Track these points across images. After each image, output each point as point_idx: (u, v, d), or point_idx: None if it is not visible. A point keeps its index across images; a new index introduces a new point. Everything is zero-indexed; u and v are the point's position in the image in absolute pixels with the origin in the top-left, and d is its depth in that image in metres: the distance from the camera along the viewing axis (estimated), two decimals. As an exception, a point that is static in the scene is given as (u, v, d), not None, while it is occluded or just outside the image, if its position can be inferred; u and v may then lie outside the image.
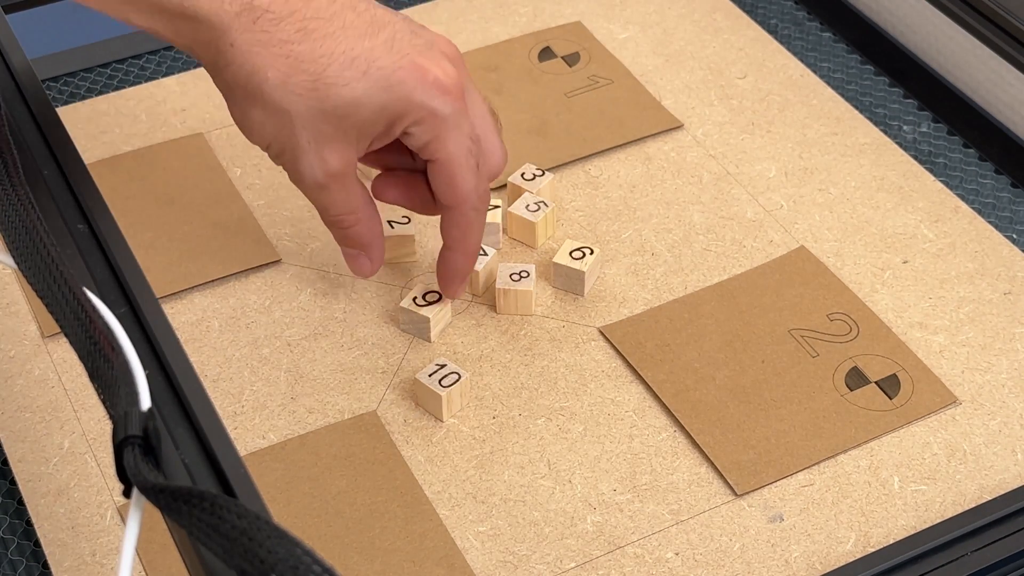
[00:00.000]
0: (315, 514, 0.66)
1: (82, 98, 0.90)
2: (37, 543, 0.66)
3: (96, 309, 0.48)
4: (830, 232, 0.80)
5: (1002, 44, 0.84)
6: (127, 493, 0.44)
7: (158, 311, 0.53)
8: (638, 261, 0.78)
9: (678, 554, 0.65)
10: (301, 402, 0.71)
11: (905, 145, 0.86)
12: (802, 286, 0.76)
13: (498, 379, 0.72)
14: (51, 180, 0.59)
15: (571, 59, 0.91)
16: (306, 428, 0.70)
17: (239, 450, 0.49)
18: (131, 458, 0.44)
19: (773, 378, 0.72)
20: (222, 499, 0.40)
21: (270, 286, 0.77)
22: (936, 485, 0.67)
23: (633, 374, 0.72)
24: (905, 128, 0.88)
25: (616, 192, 0.82)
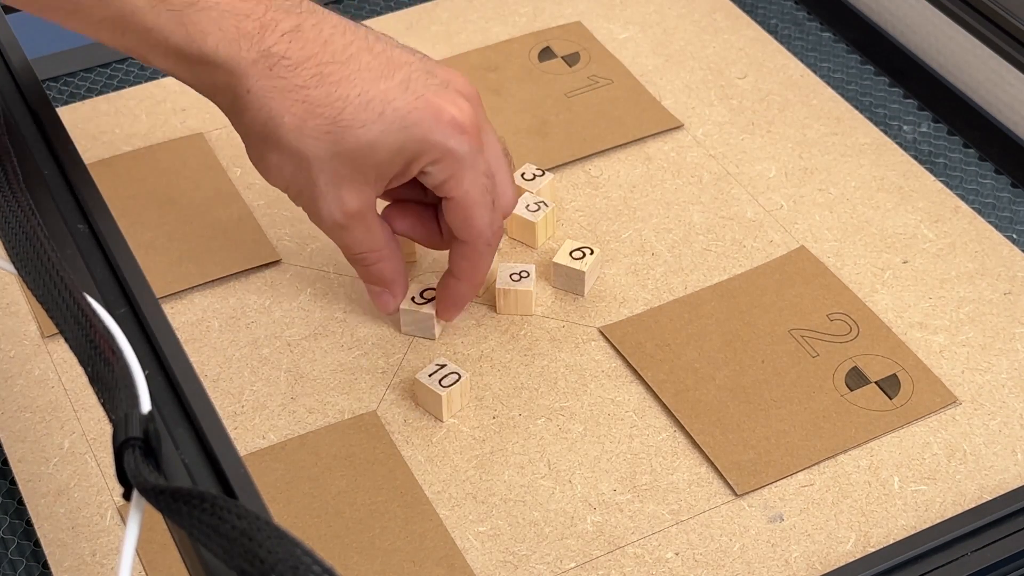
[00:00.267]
0: (315, 514, 0.66)
1: (82, 98, 0.90)
2: (37, 543, 0.66)
3: (96, 313, 0.48)
4: (830, 232, 0.80)
5: (1002, 44, 0.84)
6: (127, 496, 0.44)
7: (158, 311, 0.53)
8: (638, 261, 0.78)
9: (678, 554, 0.65)
10: (301, 402, 0.71)
11: (905, 145, 0.86)
12: (802, 286, 0.76)
13: (498, 379, 0.72)
14: (51, 180, 0.59)
15: (571, 59, 0.91)
16: (306, 428, 0.70)
17: (239, 450, 0.49)
18: (131, 460, 0.44)
19: (773, 378, 0.72)
20: (222, 500, 0.40)
21: (270, 286, 0.77)
22: (936, 485, 0.67)
23: (633, 374, 0.72)
24: (905, 128, 0.88)
25: (616, 192, 0.82)
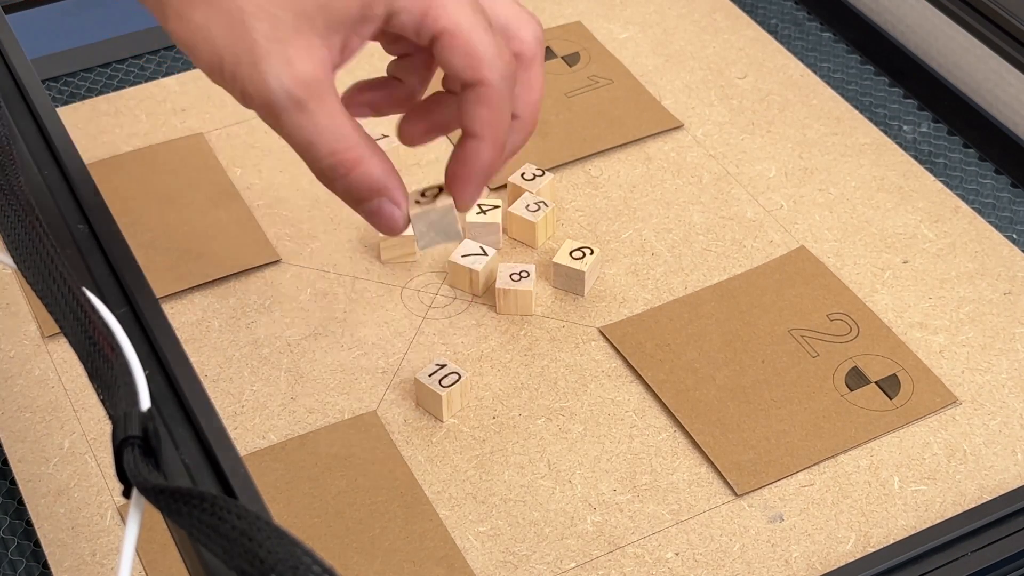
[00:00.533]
0: (315, 514, 0.66)
1: (82, 98, 0.90)
2: (37, 543, 0.66)
3: (95, 309, 0.48)
4: (830, 232, 0.80)
5: (1002, 44, 0.84)
6: (127, 494, 0.44)
7: (158, 311, 0.53)
8: (638, 261, 0.78)
9: (678, 554, 0.65)
10: (301, 402, 0.71)
11: (905, 145, 0.86)
12: (802, 286, 0.76)
13: (498, 379, 0.72)
14: (51, 180, 0.59)
15: (571, 59, 0.91)
16: (306, 428, 0.70)
17: (239, 450, 0.49)
18: (131, 458, 0.43)
19: (773, 378, 0.71)
20: (222, 499, 0.40)
21: (270, 286, 0.77)
22: (936, 485, 0.67)
23: (633, 374, 0.72)
24: (905, 128, 0.88)
25: (616, 192, 0.82)
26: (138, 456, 0.44)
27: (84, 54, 0.93)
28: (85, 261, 0.55)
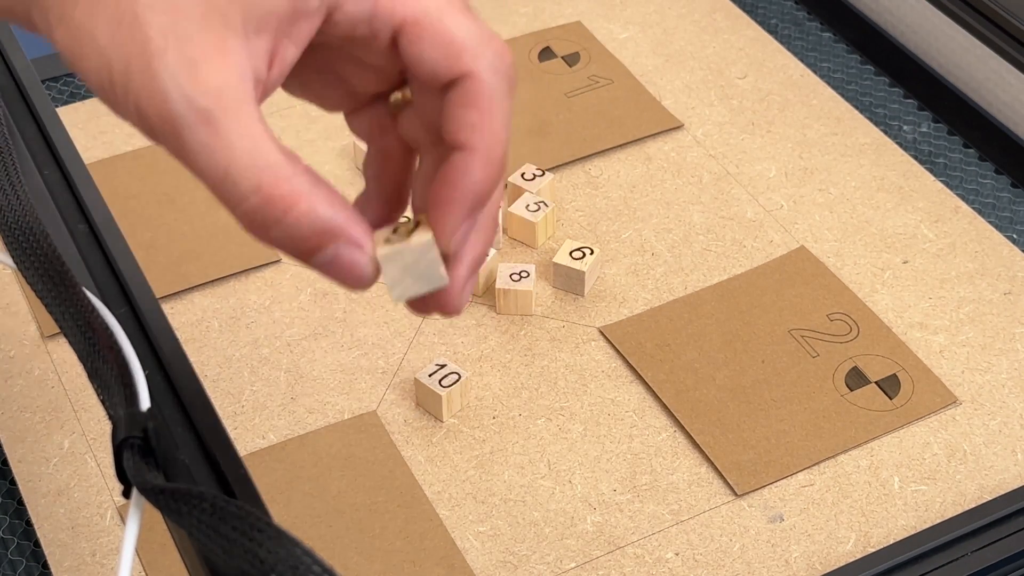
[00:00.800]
0: (315, 514, 0.66)
1: (82, 98, 0.90)
2: (37, 543, 0.66)
3: (95, 309, 0.48)
4: (830, 232, 0.80)
5: (1002, 44, 0.84)
6: (127, 494, 0.44)
7: (158, 311, 0.52)
8: (638, 261, 0.78)
9: (678, 554, 0.65)
10: (301, 402, 0.71)
11: (905, 145, 0.86)
12: (802, 286, 0.76)
13: (498, 379, 0.72)
14: (51, 180, 0.59)
15: (571, 59, 0.91)
16: (306, 428, 0.70)
17: (239, 450, 0.49)
18: (131, 459, 0.43)
19: (773, 378, 0.71)
20: (222, 500, 0.40)
21: (270, 286, 0.77)
22: (936, 485, 0.67)
23: (633, 374, 0.72)
24: (905, 128, 0.88)
25: (616, 192, 0.82)
26: (138, 456, 0.44)
27: (84, 54, 0.92)
28: (85, 261, 0.55)
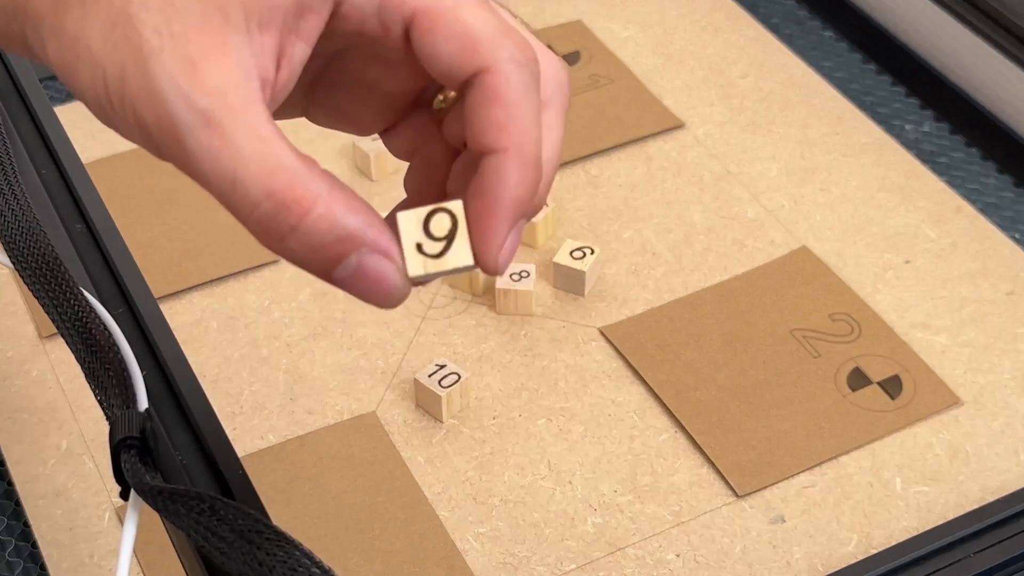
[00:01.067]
0: (314, 515, 0.66)
1: (80, 97, 0.89)
2: (35, 544, 0.66)
3: (93, 309, 0.48)
4: (831, 232, 0.79)
5: (1004, 43, 0.84)
6: (124, 495, 0.44)
7: (156, 311, 0.52)
8: (639, 261, 0.78)
9: (679, 556, 0.64)
10: (300, 403, 0.71)
11: (907, 144, 0.86)
12: (803, 286, 0.76)
13: (498, 379, 0.72)
14: (49, 179, 0.59)
15: (572, 58, 0.91)
16: (305, 429, 0.70)
17: (238, 451, 0.48)
18: (128, 460, 0.43)
19: (774, 378, 0.71)
20: (220, 501, 0.40)
21: (269, 286, 0.77)
22: (938, 486, 0.67)
23: (634, 374, 0.72)
24: (907, 127, 0.88)
25: (617, 192, 0.82)
26: (135, 457, 0.43)
27: (82, 53, 0.92)
28: (83, 261, 0.55)
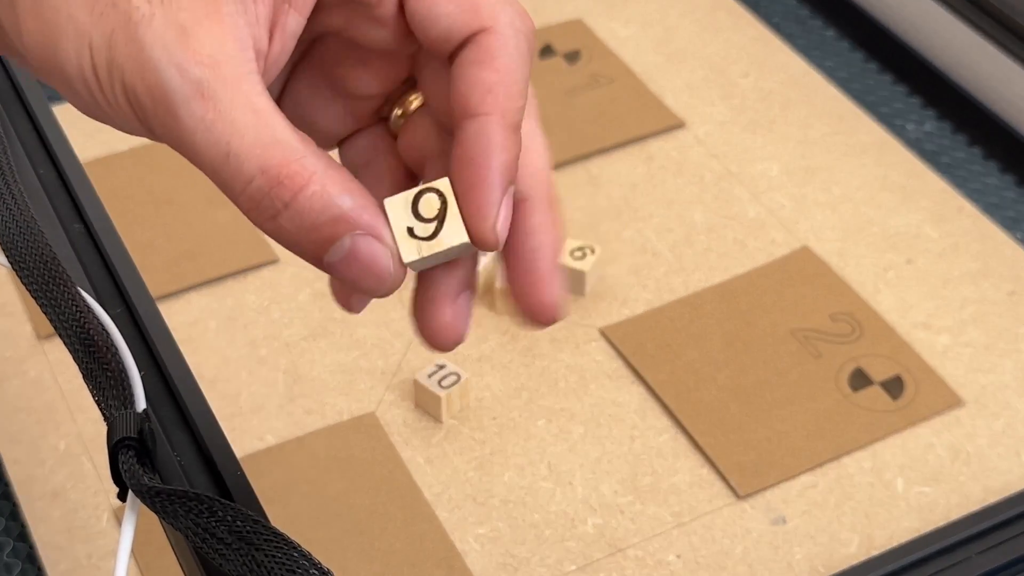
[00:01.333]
0: (313, 517, 0.66)
1: (79, 96, 0.89)
2: (32, 546, 0.65)
3: (91, 309, 0.47)
4: (833, 232, 0.79)
5: (1007, 41, 0.84)
6: (122, 496, 0.44)
7: (154, 311, 0.52)
8: (639, 261, 0.78)
9: (680, 556, 0.64)
10: (299, 403, 0.71)
11: (909, 144, 0.85)
12: (804, 286, 0.76)
13: (498, 380, 0.72)
14: (47, 179, 0.59)
15: (572, 57, 0.90)
16: (304, 430, 0.70)
17: (236, 452, 0.48)
18: (126, 461, 0.43)
19: (775, 379, 0.71)
20: (219, 502, 0.39)
21: (268, 286, 0.77)
22: (940, 487, 0.67)
23: (634, 375, 0.72)
24: (909, 127, 0.87)
25: (617, 191, 0.82)
26: (133, 458, 0.43)
27: (81, 52, 0.92)
28: (81, 261, 0.55)
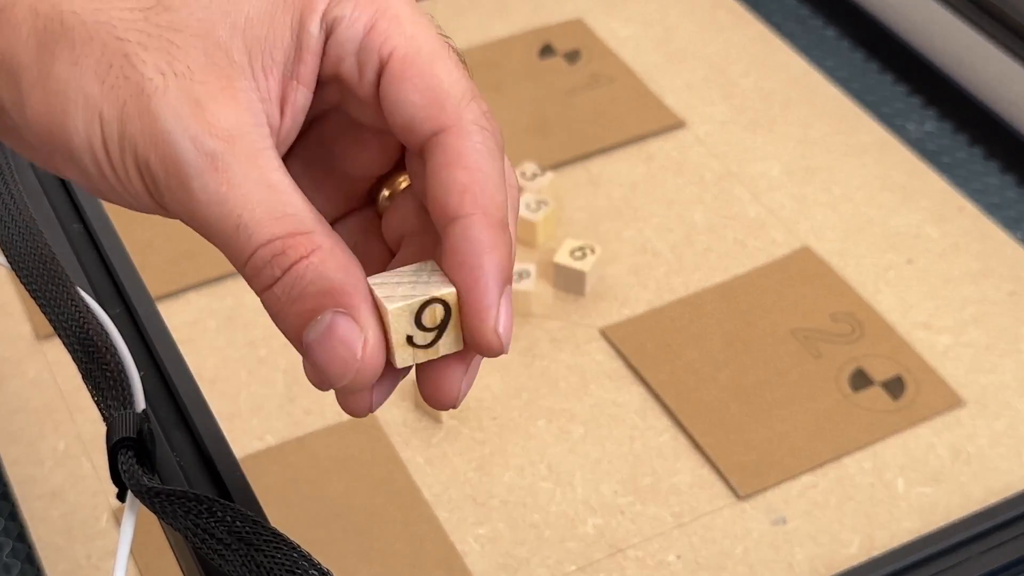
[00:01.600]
0: (313, 517, 0.65)
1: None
2: (31, 546, 0.65)
3: (90, 309, 0.47)
4: (833, 232, 0.79)
5: (1008, 41, 0.84)
6: (122, 497, 0.44)
7: (153, 311, 0.52)
8: (639, 261, 0.78)
9: (680, 557, 0.64)
10: (299, 403, 0.71)
11: (909, 144, 0.85)
12: (805, 286, 0.76)
13: (498, 380, 0.72)
14: (46, 179, 0.59)
15: (572, 57, 0.90)
16: (304, 430, 0.69)
17: (236, 453, 0.48)
18: (125, 461, 0.43)
19: (776, 379, 0.71)
20: (218, 503, 0.39)
21: (268, 286, 0.77)
22: (941, 487, 0.66)
23: (634, 375, 0.72)
24: (909, 126, 0.87)
25: (617, 191, 0.82)
26: (132, 459, 0.43)
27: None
28: (80, 261, 0.55)
